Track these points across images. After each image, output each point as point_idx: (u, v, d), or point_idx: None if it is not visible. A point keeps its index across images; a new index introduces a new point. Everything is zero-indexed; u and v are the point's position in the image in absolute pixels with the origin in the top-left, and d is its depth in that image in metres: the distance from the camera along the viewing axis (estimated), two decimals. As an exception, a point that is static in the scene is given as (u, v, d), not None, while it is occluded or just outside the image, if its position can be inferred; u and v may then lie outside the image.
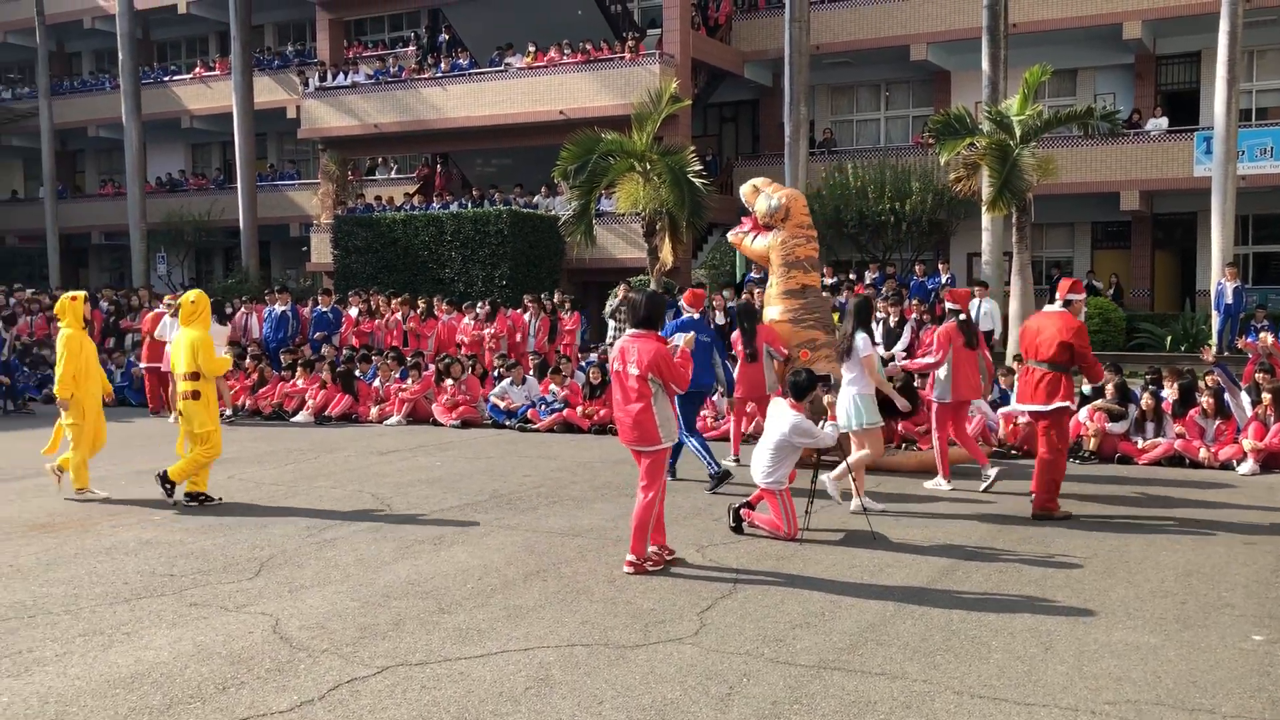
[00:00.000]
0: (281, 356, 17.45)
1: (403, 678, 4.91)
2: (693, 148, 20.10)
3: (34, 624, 5.70)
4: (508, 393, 14.82)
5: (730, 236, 11.87)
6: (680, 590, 6.37)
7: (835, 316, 12.04)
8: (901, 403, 9.94)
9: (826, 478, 8.88)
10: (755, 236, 11.19)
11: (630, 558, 6.75)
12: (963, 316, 10.01)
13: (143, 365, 16.95)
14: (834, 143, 26.64)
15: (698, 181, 18.23)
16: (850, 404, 8.81)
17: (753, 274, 20.15)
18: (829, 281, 17.85)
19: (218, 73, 32.43)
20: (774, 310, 11.01)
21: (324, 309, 19.40)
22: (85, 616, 5.84)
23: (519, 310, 18.75)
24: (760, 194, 11.04)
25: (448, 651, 5.27)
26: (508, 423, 14.47)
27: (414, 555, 7.25)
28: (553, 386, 14.72)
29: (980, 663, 5.13)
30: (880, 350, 14.78)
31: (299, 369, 16.36)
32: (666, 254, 18.59)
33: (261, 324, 19.63)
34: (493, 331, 17.79)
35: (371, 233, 24.85)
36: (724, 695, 4.70)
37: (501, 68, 25.88)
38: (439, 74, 26.71)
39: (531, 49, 25.57)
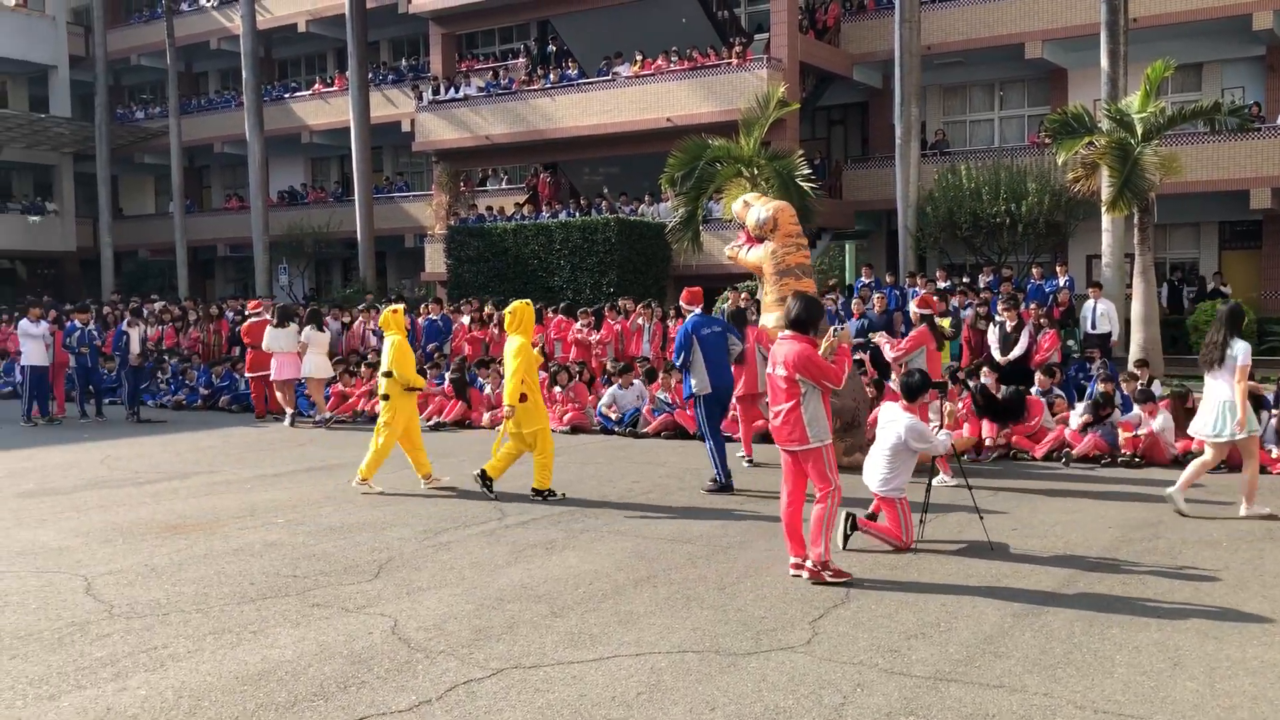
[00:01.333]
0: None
1: (517, 680, 4.98)
2: (801, 151, 19.95)
3: (168, 621, 5.95)
4: (616, 399, 14.91)
5: (727, 250, 12.17)
6: (792, 599, 6.32)
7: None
8: None
9: (1173, 492, 8.83)
10: (749, 249, 11.48)
11: (809, 563, 6.69)
12: (936, 320, 10.55)
13: (248, 374, 17.54)
14: (946, 144, 26.15)
15: (806, 185, 18.08)
16: (1222, 411, 8.63)
17: (863, 279, 19.91)
18: (941, 285, 17.53)
19: (336, 89, 33.42)
20: (769, 318, 11.21)
21: (434, 318, 19.82)
22: (215, 615, 6.07)
23: (623, 317, 18.80)
24: (750, 208, 11.33)
25: (560, 655, 5.33)
26: (616, 429, 14.57)
27: (526, 559, 7.35)
28: (660, 392, 14.76)
29: (1104, 677, 4.97)
30: (997, 354, 14.50)
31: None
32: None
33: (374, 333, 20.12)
34: (599, 338, 17.93)
35: (483, 242, 25.30)
36: (837, 705, 4.65)
37: (609, 77, 26.10)
38: (548, 85, 27.07)
39: (638, 58, 25.72)
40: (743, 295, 17.71)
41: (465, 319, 19.72)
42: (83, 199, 40.42)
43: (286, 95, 35.26)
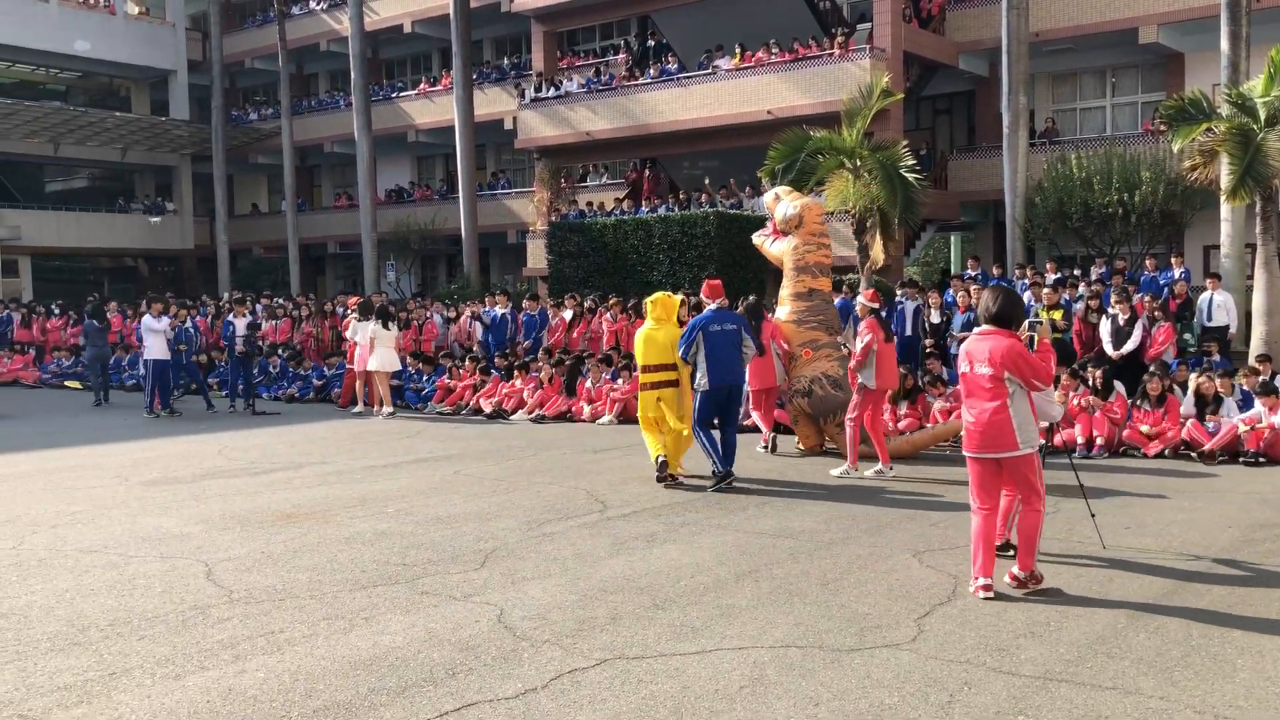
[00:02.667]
0: (496, 359, 18.14)
1: (621, 671, 5.03)
2: (905, 142, 19.65)
3: (284, 607, 6.15)
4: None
5: (755, 238, 12.72)
6: (897, 595, 6.25)
7: None
8: None
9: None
10: (774, 241, 12.09)
11: (1015, 571, 6.28)
12: (884, 313, 11.05)
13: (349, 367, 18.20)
14: (1056, 132, 25.44)
15: (910, 177, 17.82)
16: None
17: (969, 271, 19.52)
18: (1051, 278, 17.09)
19: (440, 88, 34.01)
20: (782, 310, 12.00)
21: (531, 313, 20.07)
22: (328, 601, 6.26)
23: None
24: (780, 202, 11.95)
25: (663, 647, 5.36)
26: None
27: (628, 551, 7.41)
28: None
29: (1224, 682, 4.81)
30: (1109, 348, 14.09)
31: (516, 370, 16.98)
32: (877, 252, 18.25)
33: (483, 327, 20.46)
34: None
35: (583, 237, 25.50)
36: (944, 703, 4.59)
37: (709, 71, 26.05)
38: (648, 80, 27.14)
39: (738, 51, 25.62)
40: (844, 289, 17.53)
41: (567, 313, 19.90)
42: (200, 198, 41.94)
43: (394, 95, 36.01)
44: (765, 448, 12.20)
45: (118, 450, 13.16)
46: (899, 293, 17.48)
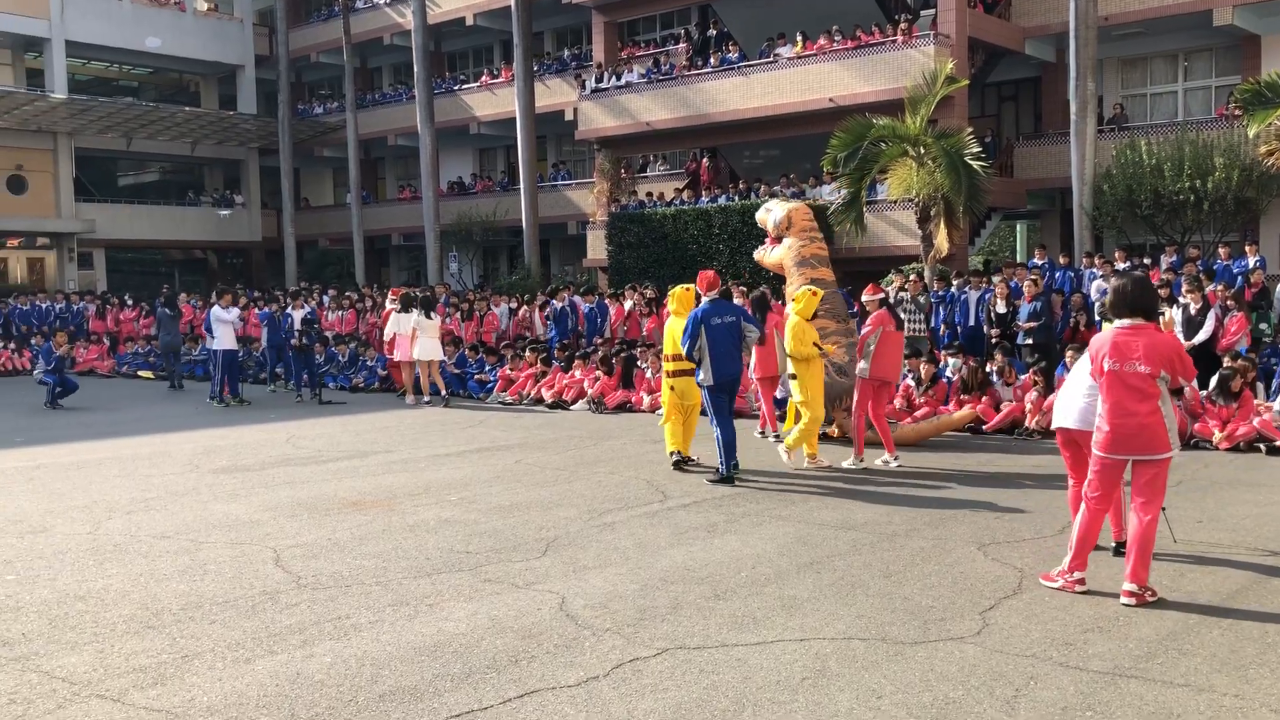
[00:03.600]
0: (556, 350, 18.23)
1: (682, 660, 5.04)
2: (970, 129, 19.38)
3: (350, 593, 6.25)
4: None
5: (755, 255, 13.33)
6: (961, 588, 6.18)
7: None
8: None
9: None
10: (771, 250, 12.70)
11: (1129, 586, 5.87)
12: (890, 301, 11.39)
13: (386, 355, 18.65)
14: (1125, 118, 24.89)
15: (975, 164, 17.58)
16: None
17: (1036, 260, 19.20)
18: (1120, 266, 16.75)
19: (502, 80, 34.18)
20: (795, 306, 12.12)
21: (590, 305, 20.14)
22: (393, 588, 6.35)
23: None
24: (770, 213, 12.71)
25: (724, 637, 5.36)
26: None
27: (688, 541, 7.41)
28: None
29: (1302, 680, 4.69)
30: (1180, 339, 13.78)
31: (576, 360, 17.06)
32: (942, 240, 18.04)
33: (544, 318, 20.59)
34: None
35: (643, 228, 25.50)
36: (1010, 698, 4.53)
37: (770, 59, 25.87)
38: (709, 69, 27.04)
39: (800, 39, 25.42)
40: (910, 279, 17.34)
41: (627, 304, 19.94)
42: (267, 191, 42.65)
43: (455, 88, 36.27)
44: (763, 433, 12.64)
45: (189, 438, 13.45)
46: (954, 283, 17.24)
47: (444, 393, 17.09)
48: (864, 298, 11.20)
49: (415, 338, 16.90)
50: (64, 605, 6.06)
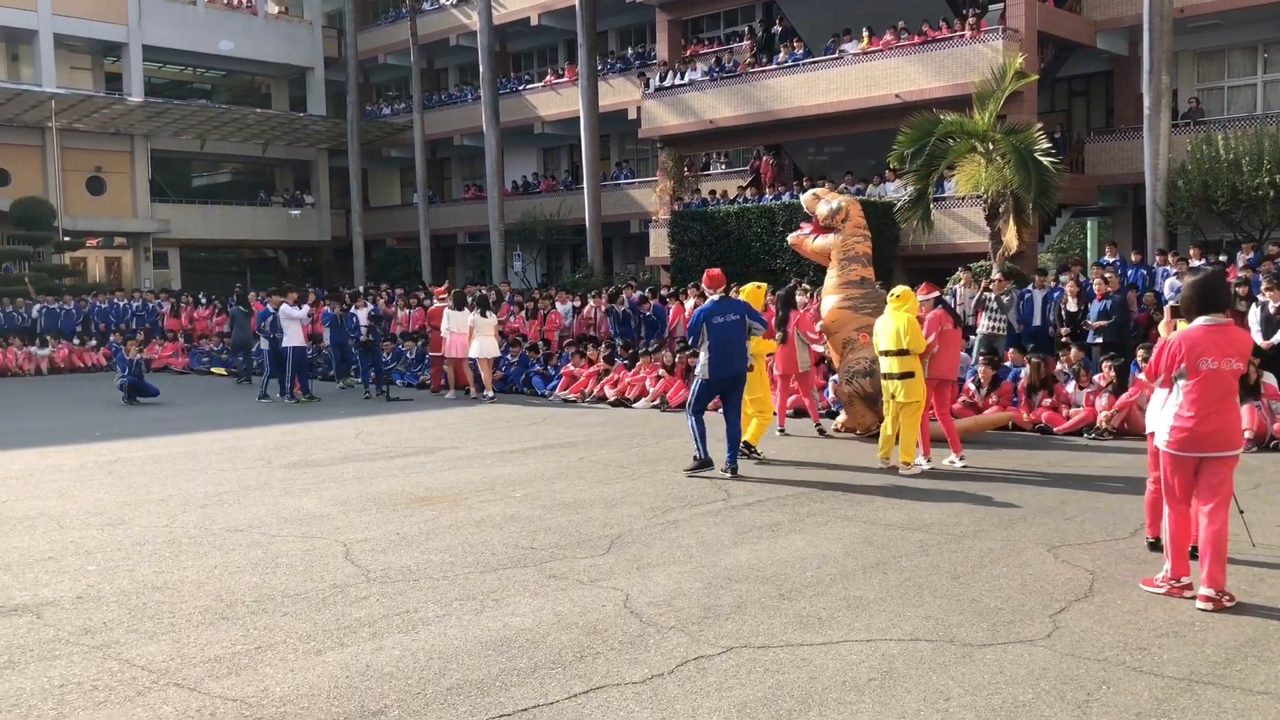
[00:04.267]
0: (619, 346, 18.28)
1: (747, 659, 5.03)
2: (1039, 125, 19.07)
3: (418, 587, 6.33)
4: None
5: (791, 238, 13.48)
6: (1031, 590, 6.09)
7: None
8: None
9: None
10: (815, 237, 12.84)
11: (1206, 590, 5.72)
12: (946, 299, 11.46)
13: (430, 354, 18.91)
14: (1201, 113, 24.30)
15: (1045, 160, 17.27)
16: None
17: (1106, 257, 18.83)
18: (1195, 263, 16.35)
19: (566, 79, 34.36)
20: (832, 299, 12.50)
21: (656, 303, 20.17)
22: (460, 583, 6.42)
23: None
24: (820, 200, 12.82)
25: (790, 637, 5.34)
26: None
27: (753, 540, 7.39)
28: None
29: (1388, 690, 4.55)
30: (1259, 338, 13.43)
31: (640, 359, 17.09)
32: (1010, 238, 17.76)
33: (606, 317, 20.65)
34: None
35: (706, 226, 25.45)
36: (1081, 702, 4.46)
37: (836, 55, 25.69)
38: (773, 66, 26.91)
39: (866, 34, 25.19)
40: (995, 278, 17.07)
41: (689, 302, 19.89)
42: (336, 192, 43.34)
43: (520, 88, 36.53)
44: (782, 430, 12.94)
45: (260, 434, 13.72)
46: (1040, 279, 16.93)
47: (490, 393, 17.36)
48: (919, 296, 11.05)
49: (472, 335, 17.20)
50: (142, 595, 6.22)
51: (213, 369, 24.49)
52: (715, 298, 10.29)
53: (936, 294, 11.14)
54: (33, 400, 19.34)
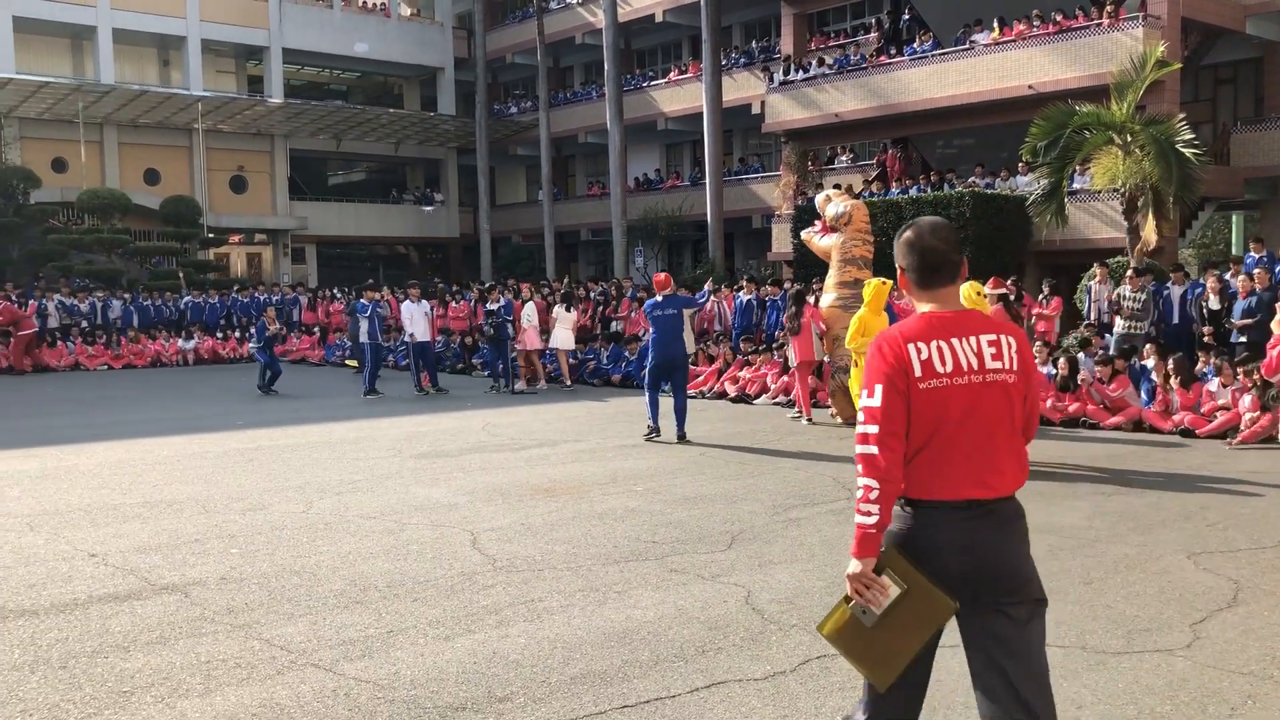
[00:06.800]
0: (742, 343, 18.22)
1: (870, 659, 4.97)
2: (1182, 115, 18.30)
3: (542, 577, 6.45)
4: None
5: (803, 234, 14.38)
6: (1169, 598, 5.87)
7: None
8: None
9: None
10: (822, 236, 13.66)
11: None
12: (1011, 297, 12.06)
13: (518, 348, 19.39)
14: (1361, 99, 23.00)
15: (1188, 152, 16.58)
16: None
17: (1252, 254, 17.95)
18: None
19: (690, 75, 34.41)
20: (829, 297, 13.44)
21: (775, 298, 20.03)
22: (583, 574, 6.51)
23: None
24: (831, 201, 13.62)
25: (914, 638, 5.25)
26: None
27: (877, 540, 7.29)
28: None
29: None
30: None
31: (761, 354, 17.01)
32: (1149, 233, 17.10)
33: (731, 311, 20.63)
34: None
35: (830, 221, 25.13)
36: (1225, 716, 4.28)
37: (966, 46, 25.10)
38: (906, 55, 26.45)
39: (997, 24, 24.55)
40: (1130, 275, 16.49)
41: (811, 299, 19.70)
42: (464, 189, 44.30)
43: (644, 84, 36.72)
44: (797, 417, 13.80)
45: (392, 424, 14.13)
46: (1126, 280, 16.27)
47: (568, 381, 18.77)
48: (986, 290, 11.21)
49: (552, 328, 18.71)
50: (281, 578, 6.48)
51: (346, 362, 25.30)
52: (659, 297, 12.33)
53: (1001, 290, 11.72)
54: (179, 389, 20.30)
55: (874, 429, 3.05)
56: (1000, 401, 3.12)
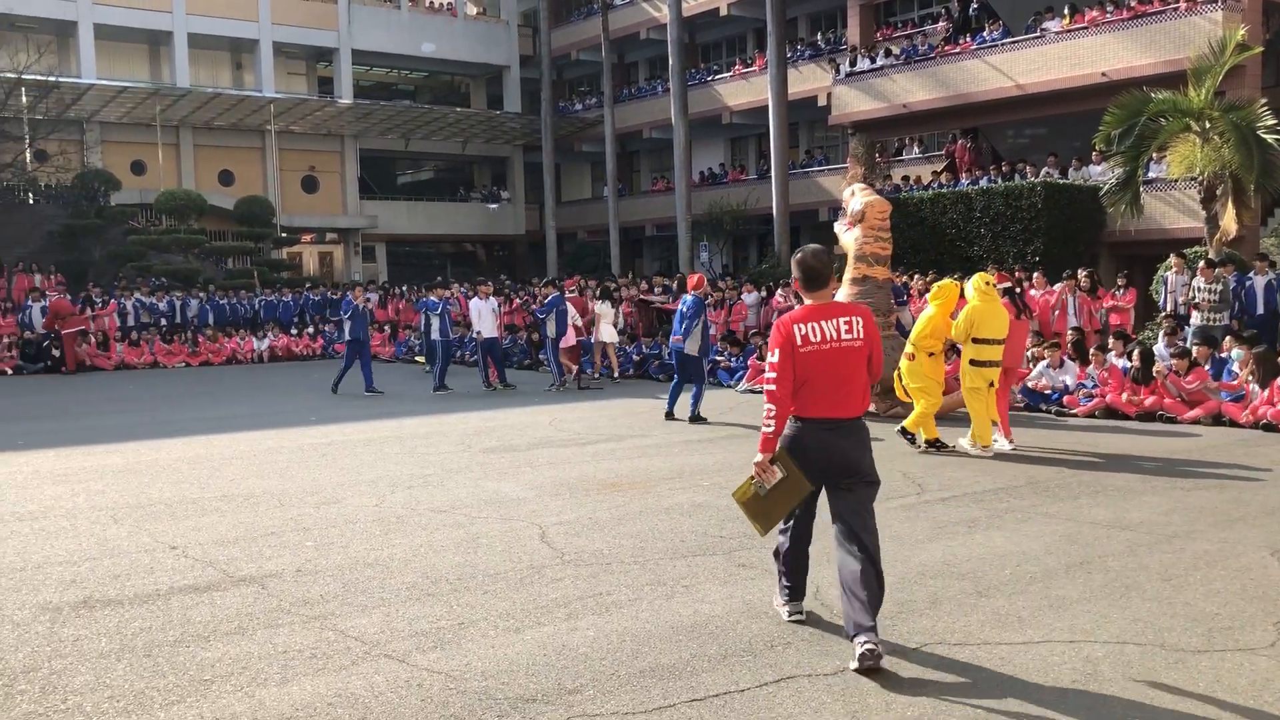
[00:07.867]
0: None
1: (942, 656, 4.93)
2: (1264, 101, 17.77)
3: (610, 571, 6.48)
4: (1044, 375, 14.17)
5: (836, 226, 14.45)
6: (1251, 595, 5.73)
7: None
8: None
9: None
10: (847, 229, 13.76)
11: None
12: (1016, 290, 11.90)
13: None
14: None
15: (1269, 138, 16.12)
16: None
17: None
18: None
19: (755, 68, 34.24)
20: (839, 294, 13.27)
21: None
22: (651, 568, 6.53)
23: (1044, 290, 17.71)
24: (855, 196, 13.68)
25: (986, 635, 5.20)
26: (1042, 406, 13.87)
27: (948, 536, 7.22)
28: (1091, 369, 13.84)
29: None
30: None
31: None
32: (1229, 222, 16.66)
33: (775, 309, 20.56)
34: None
35: (897, 213, 24.72)
36: (1309, 717, 4.17)
37: (1037, 34, 24.66)
38: (976, 44, 26.06)
39: (1068, 11, 24.07)
40: (1208, 267, 16.10)
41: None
42: (530, 186, 44.60)
43: (708, 79, 36.63)
44: None
45: (461, 420, 14.29)
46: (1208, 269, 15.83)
47: (616, 373, 19.34)
48: (1000, 286, 11.37)
49: (598, 323, 19.19)
50: (355, 571, 6.59)
51: (416, 358, 25.62)
52: (689, 296, 13.53)
53: (1007, 284, 11.75)
54: (254, 386, 20.72)
55: (774, 374, 4.95)
56: (851, 358, 5.00)
